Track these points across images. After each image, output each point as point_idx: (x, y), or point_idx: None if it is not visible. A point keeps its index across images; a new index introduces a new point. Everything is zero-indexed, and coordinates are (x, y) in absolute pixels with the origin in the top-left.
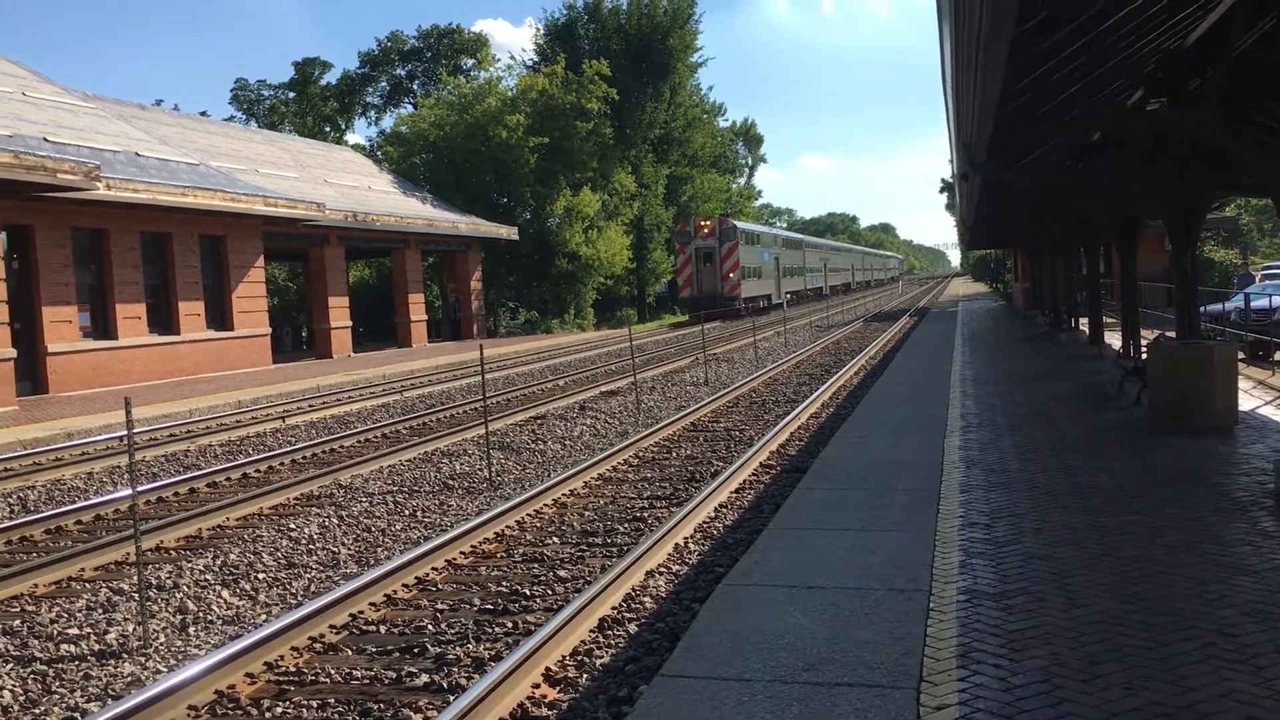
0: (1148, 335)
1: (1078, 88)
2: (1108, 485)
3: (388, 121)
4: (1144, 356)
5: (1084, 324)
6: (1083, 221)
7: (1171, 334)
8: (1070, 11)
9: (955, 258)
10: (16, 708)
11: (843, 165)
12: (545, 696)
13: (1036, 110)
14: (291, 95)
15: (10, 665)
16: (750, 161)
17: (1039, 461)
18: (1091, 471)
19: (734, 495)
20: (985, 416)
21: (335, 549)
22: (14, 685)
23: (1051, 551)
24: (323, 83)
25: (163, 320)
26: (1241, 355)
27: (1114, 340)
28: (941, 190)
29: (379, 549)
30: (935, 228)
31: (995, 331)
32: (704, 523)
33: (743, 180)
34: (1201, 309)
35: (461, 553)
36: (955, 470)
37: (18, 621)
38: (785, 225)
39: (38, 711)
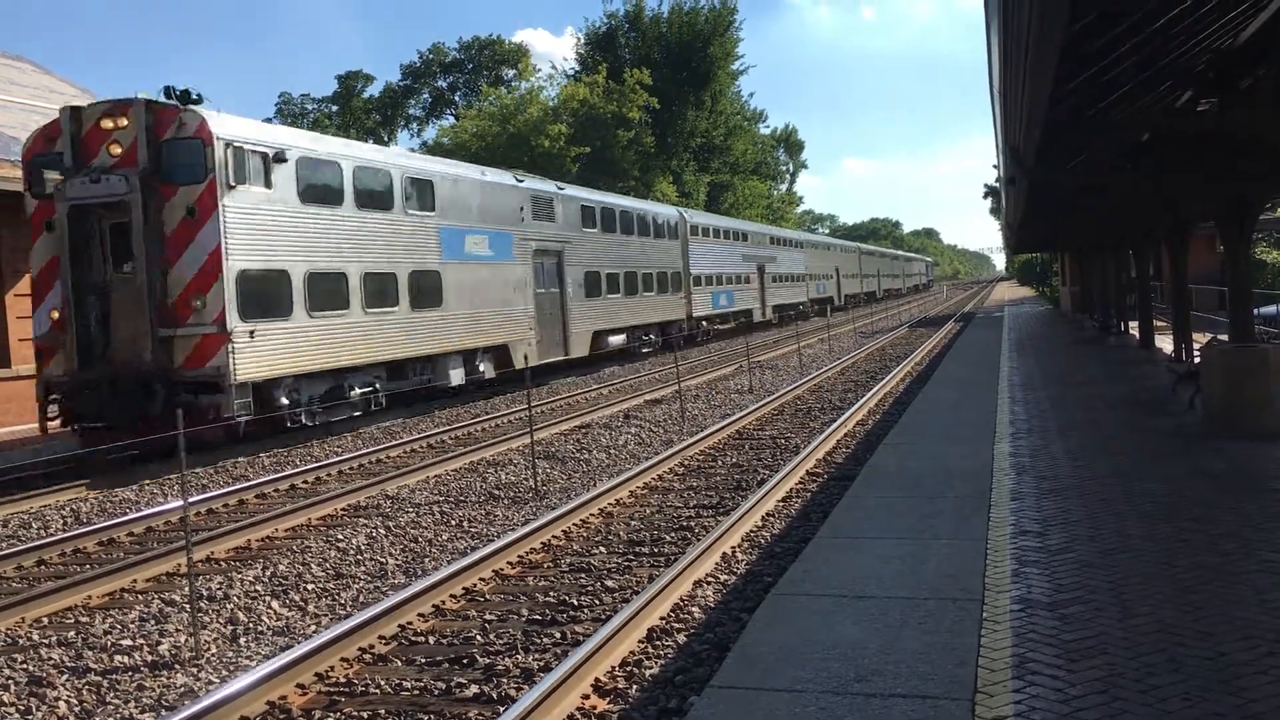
0: (1200, 339)
1: (1127, 88)
2: (1162, 492)
3: (430, 133)
4: (1197, 360)
5: (1134, 327)
6: (1132, 223)
7: (1224, 337)
8: (1121, 12)
9: (1000, 262)
10: (72, 718)
11: (885, 169)
12: (595, 708)
13: (1085, 112)
14: (335, 108)
15: (65, 676)
16: (791, 168)
17: (1091, 468)
18: (1145, 478)
19: (781, 504)
20: (1035, 422)
21: (383, 559)
22: (69, 696)
23: (1106, 559)
24: (365, 95)
25: None
26: None
27: (1165, 344)
28: (985, 195)
29: (426, 559)
30: (979, 231)
31: (1043, 336)
32: (751, 531)
33: (784, 187)
34: (1255, 311)
35: (509, 563)
36: (1006, 477)
37: (72, 633)
38: (828, 231)
39: None
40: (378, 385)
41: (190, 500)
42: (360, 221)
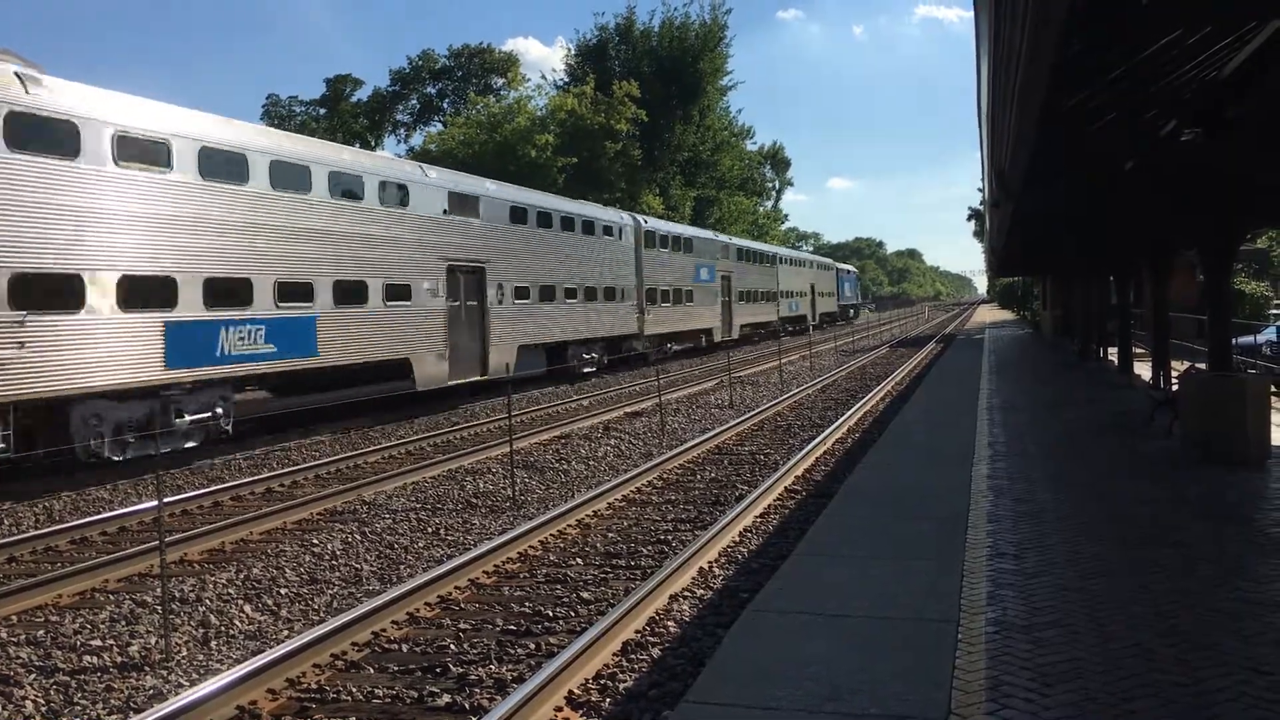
0: (1178, 366)
1: (1113, 116)
2: (1139, 517)
3: (417, 139)
4: (1175, 387)
5: (1113, 353)
6: (1114, 250)
7: (1203, 365)
8: (1108, 42)
9: (982, 284)
10: (39, 718)
11: (870, 190)
12: None
13: (1071, 138)
14: (322, 111)
15: (34, 675)
16: (777, 184)
17: (1069, 492)
18: (1122, 503)
19: (759, 520)
20: (1013, 445)
21: (358, 565)
22: (36, 695)
23: (1082, 583)
24: (354, 99)
25: None
26: (1274, 388)
27: (1144, 370)
28: (969, 218)
29: (402, 566)
30: (962, 254)
31: (1023, 359)
32: (729, 547)
33: (770, 203)
34: (1233, 341)
35: (485, 572)
36: (984, 499)
37: (41, 632)
38: (812, 249)
39: None
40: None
41: (165, 500)
42: None
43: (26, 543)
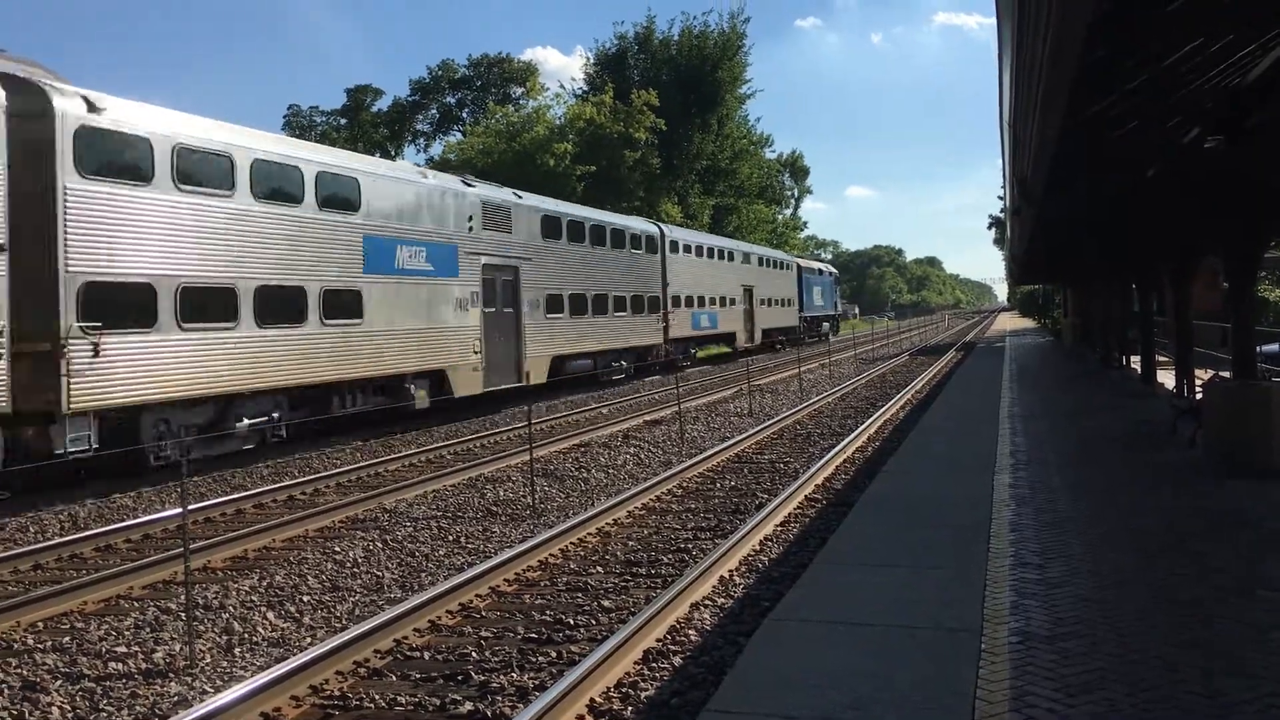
0: (1201, 375)
1: (1135, 123)
2: (1162, 527)
3: (437, 149)
4: (1199, 396)
5: (1136, 361)
6: (1136, 257)
7: (1227, 374)
8: (1131, 48)
9: (1002, 292)
10: None
11: (889, 198)
12: None
13: (1093, 146)
14: (343, 121)
15: (59, 681)
16: (796, 193)
17: (1091, 501)
18: (1145, 513)
19: (779, 528)
20: (1035, 454)
21: (380, 573)
22: (62, 702)
23: (1105, 594)
24: (374, 109)
25: None
26: None
27: (1167, 379)
28: (990, 225)
29: (423, 574)
30: (982, 262)
31: (1044, 368)
32: (749, 555)
33: (789, 211)
34: (1257, 349)
35: (505, 580)
36: (1005, 508)
37: (67, 638)
38: (830, 257)
39: None
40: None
41: (189, 508)
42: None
43: (52, 550)
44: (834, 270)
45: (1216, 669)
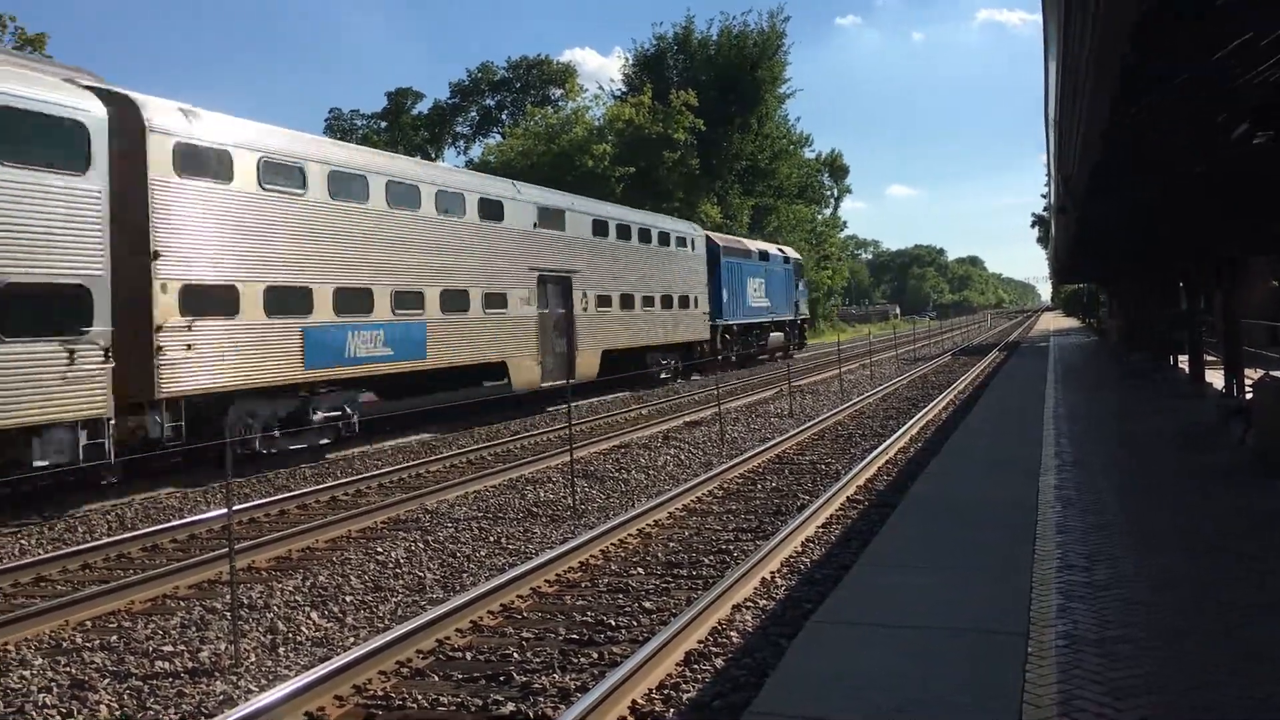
0: (1251, 374)
1: (1179, 121)
2: (1211, 530)
3: (476, 151)
4: (1248, 396)
5: (1183, 361)
6: (1183, 256)
7: (1277, 373)
8: (1179, 44)
9: (1045, 292)
10: None
11: (930, 197)
12: None
13: (1141, 142)
14: (384, 125)
15: (107, 680)
16: (835, 192)
17: (1139, 504)
18: (1193, 514)
19: (821, 530)
20: (1081, 455)
21: (421, 574)
22: (110, 700)
23: (1154, 597)
24: (414, 112)
25: None
26: None
27: (1215, 379)
28: (1033, 224)
29: (464, 575)
30: (1025, 261)
31: (1089, 368)
32: (791, 557)
33: (828, 211)
34: None
35: (546, 581)
36: (1051, 510)
37: (115, 637)
38: (870, 257)
39: None
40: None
41: (234, 509)
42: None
43: (100, 549)
44: (795, 255)
45: (1266, 674)
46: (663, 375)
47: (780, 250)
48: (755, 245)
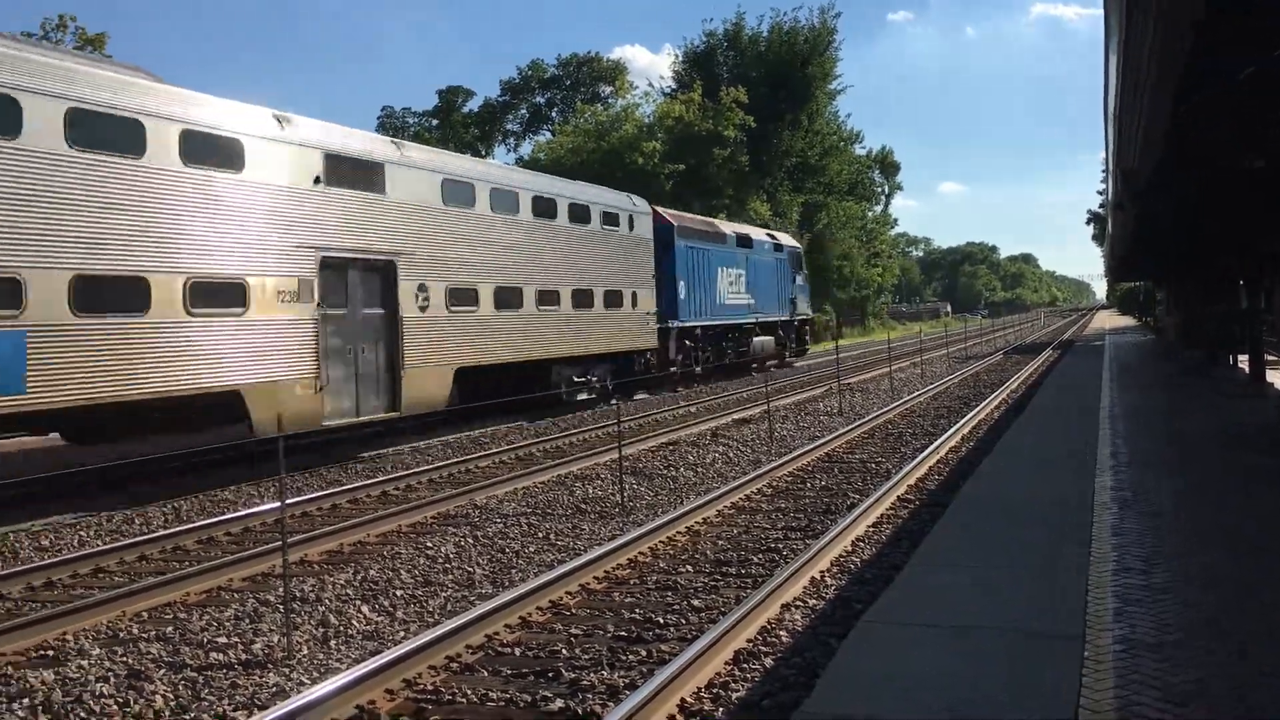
0: None
1: (1225, 113)
2: (1272, 531)
3: (526, 148)
4: None
5: (1243, 360)
6: (1243, 252)
7: None
8: (1241, 39)
9: (1101, 289)
10: (168, 712)
11: (982, 193)
12: None
13: (1202, 138)
14: (435, 122)
15: (163, 670)
16: (886, 189)
17: (1198, 505)
18: (1254, 516)
19: (871, 529)
20: (1138, 455)
21: (470, 569)
22: (166, 690)
23: (1213, 600)
24: (465, 110)
25: None
26: None
27: (1276, 379)
28: (1088, 221)
29: (513, 570)
30: (1079, 258)
31: (1145, 367)
32: (840, 556)
33: (879, 208)
34: None
35: (595, 577)
36: (1107, 511)
37: (170, 628)
38: (922, 255)
39: (188, 718)
40: None
41: (287, 503)
42: None
43: (156, 542)
44: (792, 243)
45: None
46: (581, 396)
47: (770, 235)
48: (731, 228)
